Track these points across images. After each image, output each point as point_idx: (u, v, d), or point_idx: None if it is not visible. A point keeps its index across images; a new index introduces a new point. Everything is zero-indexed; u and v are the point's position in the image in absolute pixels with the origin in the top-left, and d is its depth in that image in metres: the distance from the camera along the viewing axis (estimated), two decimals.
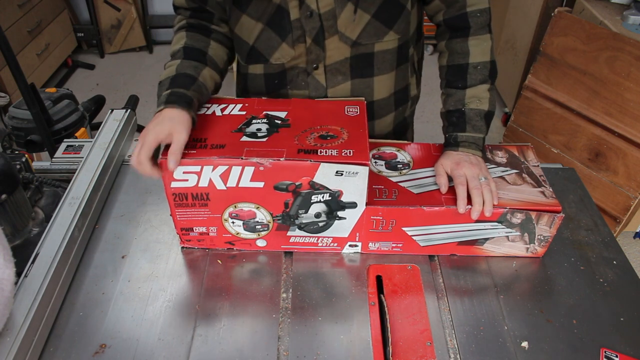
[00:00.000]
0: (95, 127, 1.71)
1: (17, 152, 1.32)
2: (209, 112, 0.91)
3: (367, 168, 0.80)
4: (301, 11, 0.92)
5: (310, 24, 0.93)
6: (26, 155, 1.05)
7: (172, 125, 0.83)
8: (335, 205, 0.86)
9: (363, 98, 0.97)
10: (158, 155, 0.83)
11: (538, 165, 0.97)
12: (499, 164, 0.97)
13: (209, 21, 1.00)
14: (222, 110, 0.92)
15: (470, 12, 0.95)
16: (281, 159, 0.80)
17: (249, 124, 0.88)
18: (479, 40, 0.96)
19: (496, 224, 0.88)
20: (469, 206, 0.86)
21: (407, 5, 0.95)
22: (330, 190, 0.83)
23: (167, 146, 0.82)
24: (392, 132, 1.14)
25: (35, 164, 1.15)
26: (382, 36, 0.96)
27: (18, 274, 0.75)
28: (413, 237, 0.91)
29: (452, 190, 0.90)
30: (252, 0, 0.93)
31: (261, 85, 1.05)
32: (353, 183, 0.82)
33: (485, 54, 0.96)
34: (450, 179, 0.91)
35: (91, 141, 1.14)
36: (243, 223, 0.89)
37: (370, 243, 0.93)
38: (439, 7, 0.98)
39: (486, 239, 0.91)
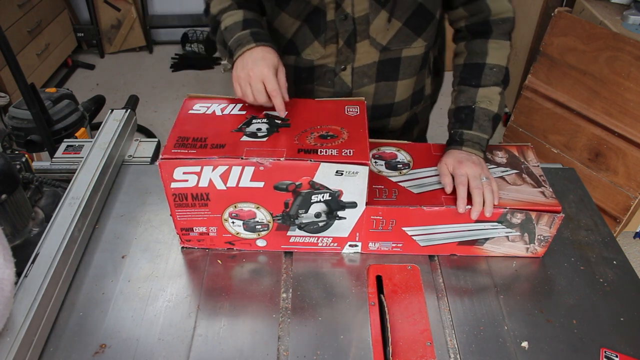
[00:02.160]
0: (95, 127, 1.71)
1: (17, 152, 1.32)
2: (209, 112, 0.91)
3: (367, 168, 0.80)
4: (337, 13, 0.94)
5: (344, 26, 0.95)
6: (26, 155, 1.04)
7: (275, 59, 0.88)
8: (335, 205, 0.86)
9: (363, 98, 0.96)
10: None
11: (538, 165, 0.97)
12: (499, 164, 0.97)
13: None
14: (222, 110, 0.92)
15: (493, 20, 0.97)
16: (281, 159, 0.80)
17: (249, 123, 0.88)
18: (499, 45, 0.97)
19: (496, 224, 0.88)
20: (469, 206, 0.86)
21: (436, 14, 0.98)
22: (330, 190, 0.83)
23: (167, 146, 0.82)
24: (402, 127, 1.16)
25: (35, 164, 1.15)
26: (410, 43, 0.99)
27: (18, 274, 0.75)
28: (413, 237, 0.91)
29: (453, 190, 0.90)
30: (291, 0, 0.96)
31: (290, 76, 1.06)
32: (353, 183, 0.82)
33: (502, 59, 0.97)
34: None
35: (91, 141, 1.14)
36: (243, 223, 0.89)
37: (370, 243, 0.93)
38: (462, 14, 1.00)
39: (486, 239, 0.91)
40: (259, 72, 0.86)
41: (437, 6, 0.97)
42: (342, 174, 0.81)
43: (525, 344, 0.80)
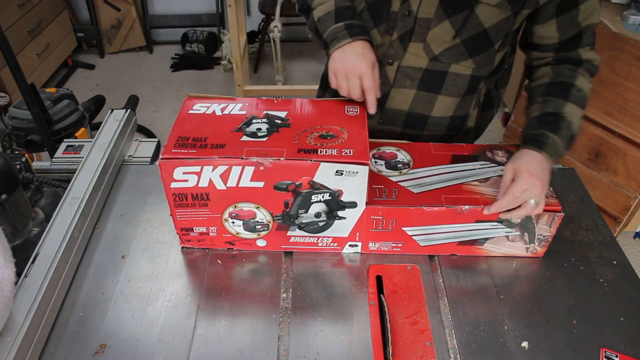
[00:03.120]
0: (95, 127, 1.70)
1: (17, 152, 1.32)
2: (209, 111, 0.91)
3: (367, 167, 0.80)
4: (402, 7, 0.94)
5: (404, 21, 0.95)
6: (26, 155, 1.04)
7: (373, 57, 0.90)
8: (335, 205, 0.86)
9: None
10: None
11: None
12: (499, 164, 0.96)
13: None
14: (222, 110, 0.92)
15: (584, 59, 0.96)
16: (281, 159, 0.80)
17: (249, 123, 0.88)
18: (585, 76, 0.95)
19: (496, 223, 0.88)
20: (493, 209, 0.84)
21: (496, 45, 0.96)
22: (330, 189, 0.83)
23: (167, 146, 0.82)
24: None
25: (35, 164, 1.15)
26: (460, 60, 0.97)
27: (18, 274, 0.75)
28: (413, 237, 0.91)
29: (453, 189, 0.90)
30: None
31: None
32: (353, 183, 0.82)
33: (587, 88, 0.94)
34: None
35: (91, 141, 1.14)
36: (243, 223, 0.89)
37: (370, 243, 0.93)
38: (550, 56, 0.98)
39: (486, 239, 0.91)
40: (358, 68, 0.88)
41: (499, 38, 0.95)
42: (342, 173, 0.81)
43: (525, 344, 0.80)
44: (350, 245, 0.94)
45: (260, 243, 0.94)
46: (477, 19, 0.90)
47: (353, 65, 0.88)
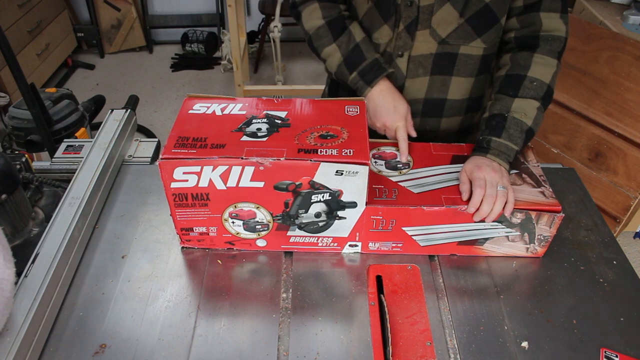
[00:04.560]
0: (95, 127, 1.71)
1: (17, 152, 1.33)
2: (209, 111, 0.91)
3: (367, 167, 0.80)
4: None
5: (407, 12, 0.96)
6: (26, 155, 1.04)
7: (405, 108, 1.01)
8: (335, 205, 0.86)
9: (363, 98, 0.97)
10: None
11: (538, 165, 0.97)
12: None
13: None
14: (222, 109, 0.92)
15: (543, 35, 0.96)
16: (281, 159, 0.80)
17: (249, 123, 0.88)
18: (544, 60, 0.96)
19: (496, 223, 0.88)
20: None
21: (501, 19, 0.98)
22: (330, 189, 0.83)
23: (167, 146, 0.82)
24: (455, 134, 1.15)
25: (35, 164, 1.15)
26: (469, 41, 0.99)
27: (18, 274, 0.75)
28: (413, 237, 0.91)
29: (453, 190, 0.90)
30: None
31: None
32: (353, 183, 0.82)
33: (545, 75, 0.95)
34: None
35: (91, 141, 1.14)
36: (243, 223, 0.89)
37: (370, 243, 0.93)
38: (513, 25, 0.99)
39: (486, 239, 0.91)
40: (393, 123, 1.00)
41: (503, 12, 0.97)
42: (342, 173, 0.81)
43: (525, 344, 0.80)
44: (350, 245, 0.94)
45: (260, 243, 0.94)
46: None
47: (388, 121, 1.00)
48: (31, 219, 0.98)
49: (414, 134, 1.01)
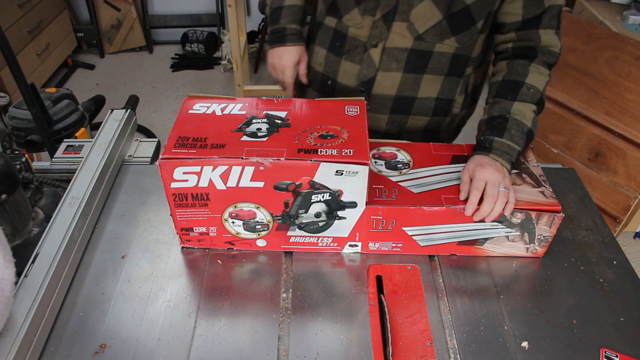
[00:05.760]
0: (95, 127, 1.71)
1: (17, 152, 1.33)
2: (209, 111, 0.91)
3: (367, 167, 0.80)
4: None
5: (386, 0, 0.96)
6: (26, 155, 1.04)
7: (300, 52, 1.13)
8: (335, 205, 0.86)
9: (363, 98, 0.96)
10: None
11: (538, 165, 0.97)
12: None
13: None
14: (222, 109, 0.92)
15: (540, 48, 0.98)
16: (281, 159, 0.80)
17: (249, 123, 0.88)
18: (539, 70, 0.97)
19: (496, 223, 0.88)
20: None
21: (478, 24, 0.98)
22: (330, 189, 0.83)
23: (167, 146, 0.82)
24: (420, 136, 1.16)
25: (35, 164, 1.15)
26: (444, 39, 0.99)
27: (18, 274, 0.75)
28: (413, 237, 0.91)
29: (453, 189, 0.90)
30: None
31: (327, 40, 1.11)
32: (353, 182, 0.82)
33: (540, 83, 0.97)
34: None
35: (91, 141, 1.14)
36: (243, 223, 0.89)
37: (370, 243, 0.93)
38: (511, 38, 1.00)
39: (486, 239, 0.91)
40: (281, 67, 1.13)
41: (482, 16, 0.97)
42: (342, 173, 0.81)
43: (525, 344, 0.80)
44: (350, 245, 0.94)
45: (260, 243, 0.94)
46: None
47: (276, 65, 1.14)
48: (31, 219, 0.98)
49: (304, 80, 1.15)
